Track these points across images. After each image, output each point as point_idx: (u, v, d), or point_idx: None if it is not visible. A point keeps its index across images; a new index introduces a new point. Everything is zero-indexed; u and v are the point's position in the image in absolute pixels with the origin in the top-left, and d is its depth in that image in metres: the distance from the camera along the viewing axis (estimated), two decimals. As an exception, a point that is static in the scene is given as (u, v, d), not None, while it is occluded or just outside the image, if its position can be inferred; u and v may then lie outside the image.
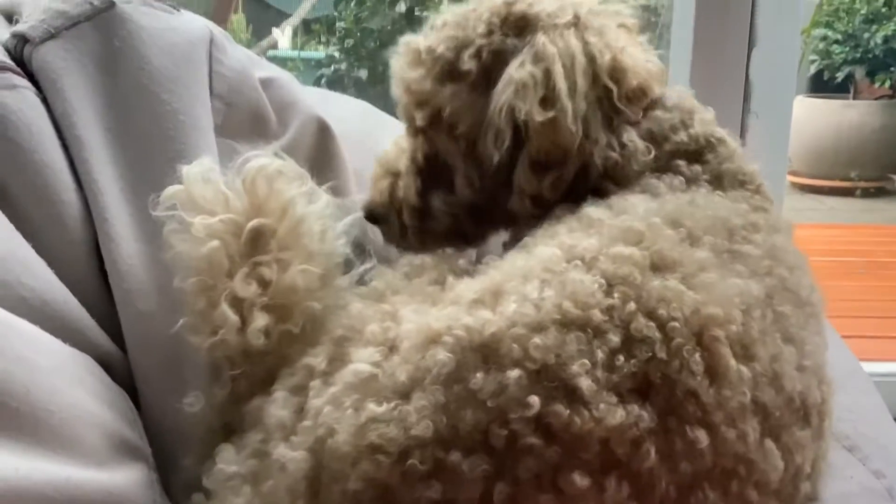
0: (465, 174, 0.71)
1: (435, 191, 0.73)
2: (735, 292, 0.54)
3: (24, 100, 0.68)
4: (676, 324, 0.51)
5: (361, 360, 0.53)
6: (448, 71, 0.68)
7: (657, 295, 0.52)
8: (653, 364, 0.50)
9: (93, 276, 0.66)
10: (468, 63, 0.68)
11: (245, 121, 0.80)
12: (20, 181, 0.65)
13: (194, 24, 0.78)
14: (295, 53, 5.11)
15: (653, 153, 0.66)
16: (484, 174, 0.69)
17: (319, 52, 4.25)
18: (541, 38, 0.66)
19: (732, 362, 0.52)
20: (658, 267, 0.54)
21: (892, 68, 4.87)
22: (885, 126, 4.86)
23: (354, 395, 0.51)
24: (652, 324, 0.51)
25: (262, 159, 0.63)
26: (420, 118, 0.70)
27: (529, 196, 0.67)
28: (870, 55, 4.82)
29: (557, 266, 0.54)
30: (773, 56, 1.34)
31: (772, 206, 0.67)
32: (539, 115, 0.63)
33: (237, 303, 0.59)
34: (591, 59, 0.66)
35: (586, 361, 0.49)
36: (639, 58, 0.70)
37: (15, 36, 0.73)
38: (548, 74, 0.64)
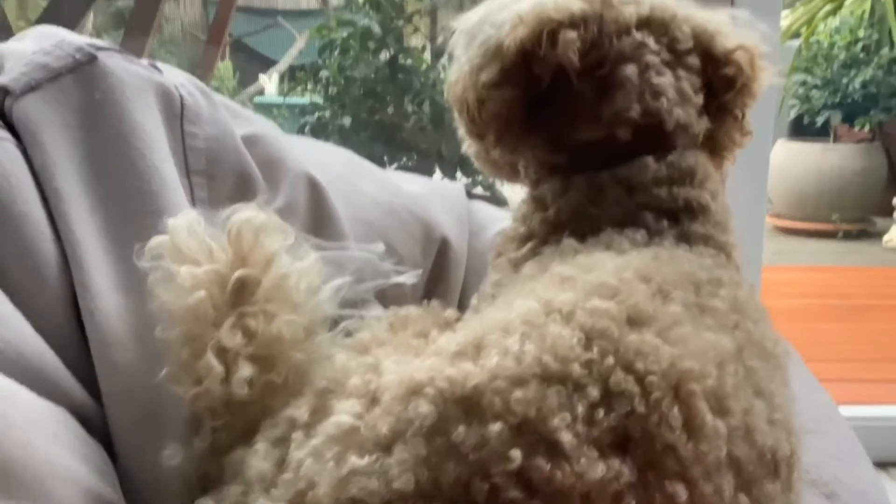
0: None
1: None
2: (708, 346, 0.55)
3: (3, 152, 0.68)
4: (654, 377, 0.51)
5: (343, 412, 0.53)
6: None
7: (635, 349, 0.52)
8: (632, 418, 0.50)
9: (69, 327, 0.65)
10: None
11: (231, 187, 0.80)
12: None
13: (169, 94, 0.78)
14: (280, 99, 5.15)
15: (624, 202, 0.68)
16: None
17: (304, 99, 4.28)
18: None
19: (709, 417, 0.51)
20: (634, 321, 0.54)
21: (871, 112, 4.96)
22: (865, 169, 4.94)
23: (335, 447, 0.51)
24: (630, 377, 0.51)
25: (246, 212, 0.64)
26: None
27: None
28: (848, 100, 4.91)
29: (537, 319, 0.54)
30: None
31: (738, 273, 0.67)
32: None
33: (222, 353, 0.59)
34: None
35: (567, 415, 0.49)
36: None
37: None
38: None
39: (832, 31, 4.91)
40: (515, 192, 0.82)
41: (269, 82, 6.03)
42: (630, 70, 0.68)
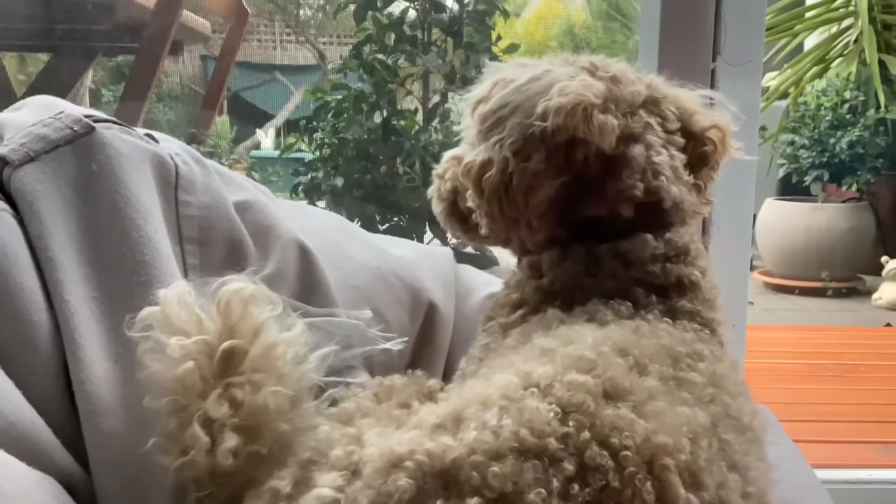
0: None
1: None
2: (683, 421, 0.55)
3: (0, 221, 0.70)
4: (629, 452, 0.52)
5: (324, 485, 0.53)
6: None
7: (610, 423, 0.53)
8: (606, 492, 0.51)
9: (60, 397, 0.66)
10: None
11: (222, 255, 0.81)
12: None
13: (165, 164, 0.80)
14: (276, 154, 5.16)
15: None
16: None
17: (301, 154, 4.32)
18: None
19: (682, 491, 0.52)
20: (610, 395, 0.55)
21: (858, 172, 5.02)
22: (853, 228, 4.98)
23: None
24: (605, 452, 0.52)
25: (236, 283, 0.65)
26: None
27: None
28: (836, 160, 4.97)
29: (515, 393, 0.55)
30: (732, 170, 1.38)
31: (721, 349, 0.69)
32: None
33: (208, 423, 0.59)
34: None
35: (542, 490, 0.50)
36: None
37: None
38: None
39: (819, 92, 4.99)
40: (506, 252, 0.83)
41: (265, 136, 6.08)
42: (638, 150, 0.71)
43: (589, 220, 0.72)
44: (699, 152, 0.77)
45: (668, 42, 1.33)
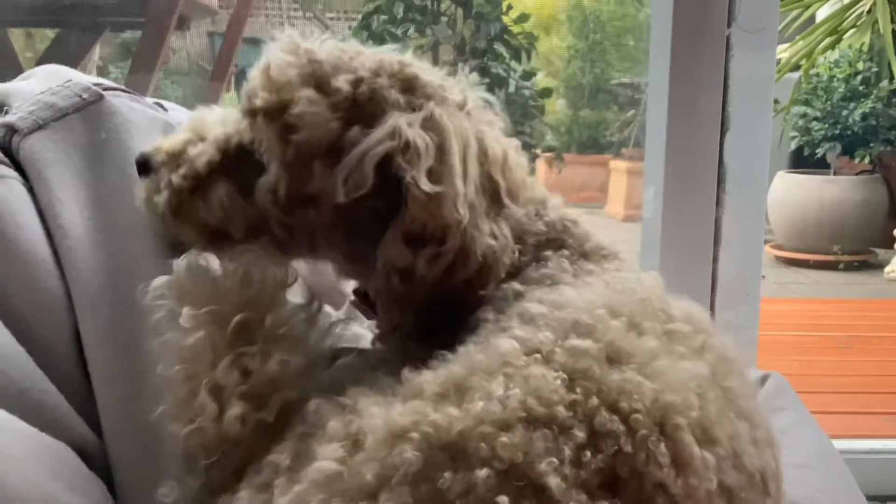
0: (274, 179, 0.65)
1: (225, 176, 0.68)
2: (687, 376, 0.55)
3: (10, 190, 0.69)
4: (639, 415, 0.51)
5: (326, 457, 0.52)
6: (317, 78, 0.64)
7: (617, 387, 0.52)
8: (619, 458, 0.50)
9: (72, 363, 0.66)
10: (342, 83, 0.64)
11: None
12: (4, 270, 0.66)
13: (172, 132, 0.78)
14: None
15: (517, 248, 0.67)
16: (295, 190, 0.65)
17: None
18: (435, 107, 0.64)
19: (696, 450, 0.51)
20: (613, 359, 0.54)
21: (871, 144, 4.98)
22: (865, 201, 4.95)
23: (320, 494, 0.51)
24: (615, 417, 0.51)
25: (253, 251, 0.65)
26: (261, 100, 0.64)
27: (399, 270, 0.62)
28: (848, 132, 4.93)
29: (517, 360, 0.54)
30: (745, 139, 1.38)
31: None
32: (426, 186, 0.60)
33: (216, 391, 0.59)
34: (482, 149, 0.66)
35: (554, 459, 0.49)
36: (521, 160, 0.70)
37: (3, 126, 0.75)
38: (442, 148, 0.62)
39: (832, 63, 4.94)
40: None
41: (273, 113, 6.06)
42: None
43: None
44: None
45: (683, 8, 1.32)
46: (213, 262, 0.65)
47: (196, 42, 5.99)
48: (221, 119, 0.70)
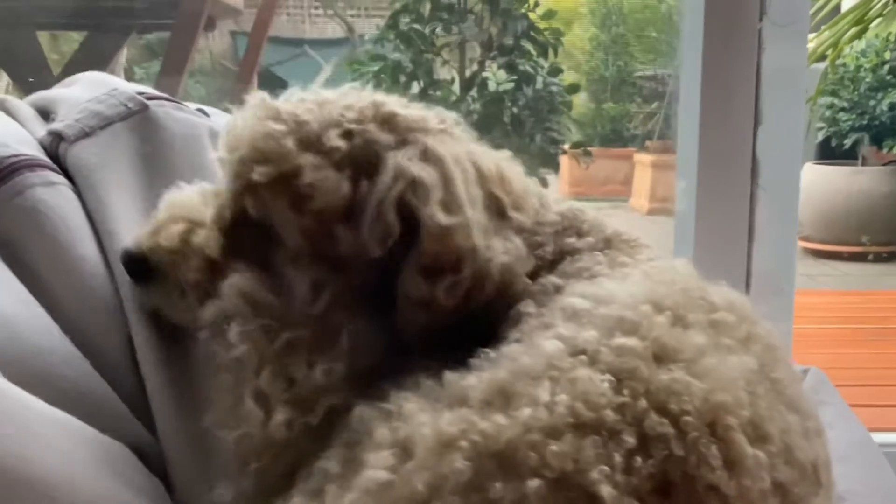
0: (295, 250, 0.64)
1: (242, 255, 0.66)
2: (737, 373, 0.53)
3: (60, 196, 0.71)
4: (690, 417, 0.50)
5: (377, 466, 0.52)
6: (311, 141, 0.63)
7: (665, 388, 0.51)
8: (671, 462, 0.49)
9: (126, 366, 0.68)
10: (336, 140, 0.63)
11: None
12: (57, 275, 0.67)
13: (218, 137, 0.80)
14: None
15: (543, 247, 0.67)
16: (318, 254, 0.64)
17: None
18: (426, 138, 0.64)
19: (748, 449, 0.50)
20: (660, 357, 0.53)
21: (899, 134, 4.93)
22: (894, 191, 4.90)
23: (372, 503, 0.50)
24: (665, 420, 0.50)
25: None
26: (260, 174, 0.63)
27: (420, 303, 0.62)
28: (876, 122, 4.88)
29: (563, 362, 0.53)
30: (778, 132, 1.37)
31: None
32: (443, 219, 0.60)
33: (262, 398, 0.60)
34: (478, 169, 0.65)
35: (605, 467, 0.48)
36: (515, 168, 0.70)
37: (51, 134, 0.76)
38: (446, 177, 0.62)
39: (858, 53, 4.89)
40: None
41: (296, 111, 6.08)
42: None
43: None
44: None
45: (714, 1, 1.31)
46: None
47: (219, 42, 6.03)
48: (200, 198, 0.69)
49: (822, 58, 4.85)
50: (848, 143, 4.98)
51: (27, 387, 0.57)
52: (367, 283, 0.65)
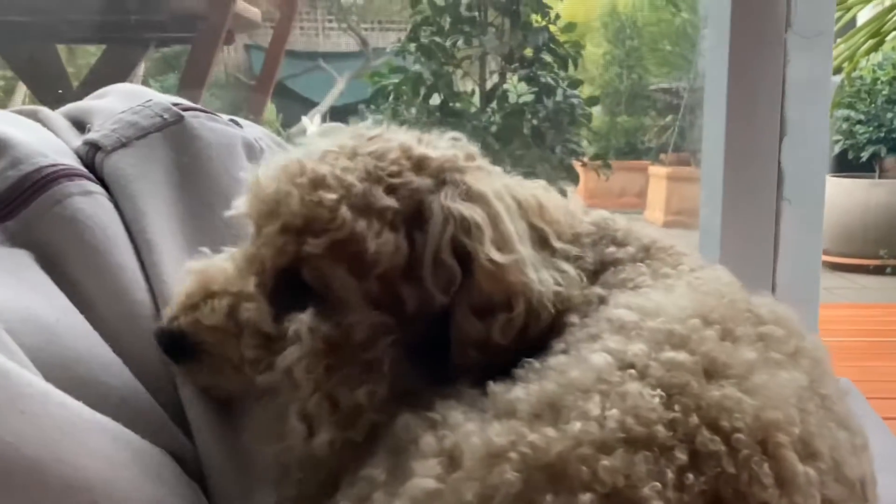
0: (359, 319, 0.62)
1: (293, 312, 0.63)
2: (787, 389, 0.53)
3: (98, 205, 0.71)
4: (741, 435, 0.49)
5: (424, 475, 0.51)
6: (361, 204, 0.61)
7: (717, 404, 0.51)
8: (723, 479, 0.48)
9: (164, 373, 0.68)
10: (384, 199, 0.62)
11: None
12: (96, 283, 0.67)
13: (252, 147, 0.81)
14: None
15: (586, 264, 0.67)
16: (389, 315, 0.62)
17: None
18: (464, 177, 0.63)
19: (800, 467, 0.50)
20: (710, 373, 0.53)
21: (917, 147, 4.92)
22: (912, 204, 4.89)
23: None
24: (717, 437, 0.49)
25: None
26: (315, 245, 0.61)
27: (475, 343, 0.61)
28: (893, 135, 4.87)
29: (612, 376, 0.52)
30: (803, 144, 1.37)
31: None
32: (498, 257, 0.60)
33: (307, 418, 0.60)
34: (517, 201, 0.65)
35: (657, 483, 0.47)
36: (552, 197, 0.69)
37: (87, 143, 0.76)
38: (493, 215, 0.62)
39: (875, 66, 4.88)
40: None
41: (311, 124, 6.12)
42: None
43: None
44: None
45: (740, 14, 1.31)
46: None
47: (233, 55, 6.07)
48: (231, 265, 0.66)
49: (839, 70, 4.85)
50: (865, 155, 4.97)
51: (69, 392, 0.57)
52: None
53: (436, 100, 3.64)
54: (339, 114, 5.88)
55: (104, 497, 0.52)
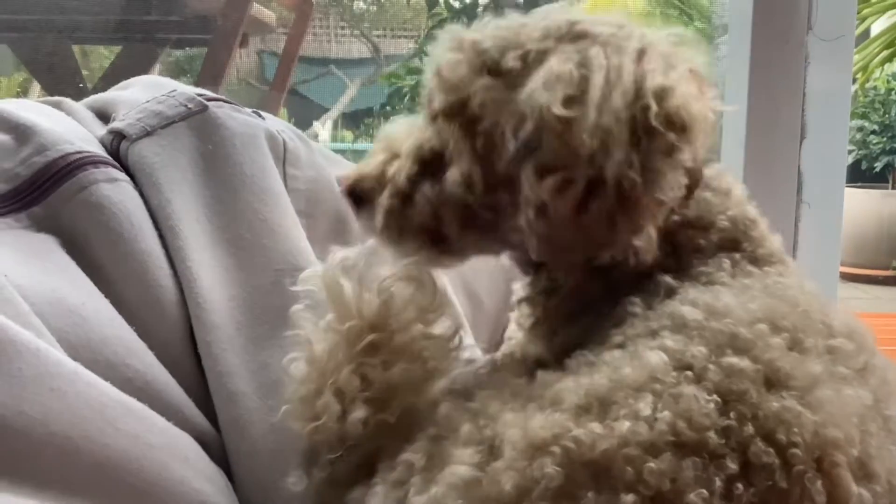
0: (466, 170, 0.63)
1: (426, 180, 0.66)
2: (850, 408, 0.51)
3: (123, 192, 0.71)
4: (797, 450, 0.48)
5: (463, 462, 0.51)
6: (488, 65, 0.62)
7: (775, 415, 0.49)
8: (773, 493, 0.47)
9: (188, 358, 0.68)
10: (512, 62, 0.61)
11: (328, 227, 0.83)
12: (122, 268, 0.68)
13: (274, 139, 0.81)
14: (344, 146, 5.19)
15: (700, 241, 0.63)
16: (490, 175, 0.62)
17: (364, 145, 4.36)
18: (594, 49, 0.60)
19: (854, 488, 0.49)
20: (772, 382, 0.51)
21: (930, 157, 4.90)
22: (924, 215, 4.87)
23: (458, 499, 0.49)
24: (771, 449, 0.48)
25: (401, 269, 0.65)
26: (440, 101, 0.64)
27: (533, 204, 0.58)
28: (907, 145, 4.87)
29: (666, 376, 0.51)
30: (822, 147, 1.37)
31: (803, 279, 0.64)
32: (557, 110, 0.57)
33: (339, 393, 0.60)
34: (637, 81, 0.60)
35: (704, 490, 0.46)
36: (693, 93, 0.62)
37: (111, 132, 0.77)
38: (584, 79, 0.58)
39: (889, 76, 4.87)
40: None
41: (322, 129, 6.13)
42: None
43: None
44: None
45: (762, 17, 1.31)
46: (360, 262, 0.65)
47: (245, 59, 6.09)
48: (407, 130, 0.70)
49: (853, 81, 4.83)
50: (878, 166, 4.95)
51: (94, 374, 0.57)
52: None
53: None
54: (351, 119, 5.90)
55: (131, 475, 0.52)
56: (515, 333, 0.73)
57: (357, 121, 5.89)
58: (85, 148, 0.72)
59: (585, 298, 0.65)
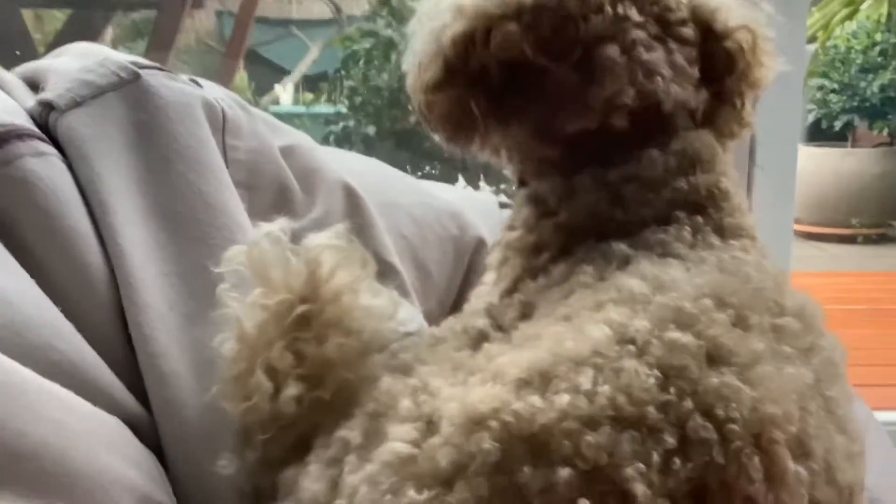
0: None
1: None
2: (791, 386, 0.51)
3: (51, 167, 0.69)
4: (735, 426, 0.48)
5: (399, 439, 0.50)
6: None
7: (714, 391, 0.49)
8: (710, 468, 0.47)
9: (118, 338, 0.66)
10: None
11: (270, 199, 0.81)
12: (48, 246, 0.65)
13: (212, 108, 0.78)
14: (302, 109, 5.14)
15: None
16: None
17: (328, 108, 4.30)
18: None
19: (791, 465, 0.48)
20: (713, 358, 0.50)
21: (890, 116, 4.95)
22: (884, 173, 4.93)
23: (392, 476, 0.48)
24: (709, 425, 0.48)
25: (329, 241, 0.63)
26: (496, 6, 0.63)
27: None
28: (867, 104, 4.91)
29: (609, 350, 0.50)
30: (775, 111, 1.36)
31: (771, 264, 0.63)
32: None
33: (271, 371, 0.58)
34: None
35: (641, 464, 0.46)
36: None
37: (41, 104, 0.74)
38: None
39: (849, 35, 4.91)
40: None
41: (283, 92, 6.06)
42: (610, 50, 0.62)
43: (579, 137, 0.64)
44: (721, 50, 0.66)
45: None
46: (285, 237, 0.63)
47: (204, 21, 5.98)
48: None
49: (813, 39, 4.87)
50: (838, 124, 5.00)
51: (19, 358, 0.55)
52: None
53: (407, 65, 3.62)
54: (313, 81, 5.83)
55: (52, 464, 0.51)
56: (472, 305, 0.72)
57: (320, 83, 5.83)
58: (10, 120, 0.70)
59: (547, 252, 0.65)
